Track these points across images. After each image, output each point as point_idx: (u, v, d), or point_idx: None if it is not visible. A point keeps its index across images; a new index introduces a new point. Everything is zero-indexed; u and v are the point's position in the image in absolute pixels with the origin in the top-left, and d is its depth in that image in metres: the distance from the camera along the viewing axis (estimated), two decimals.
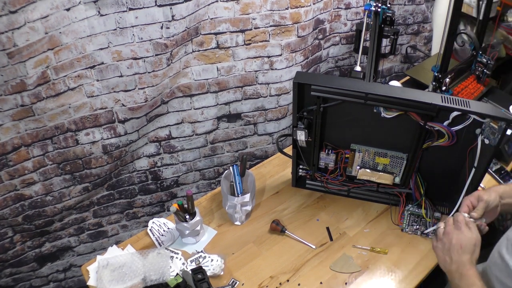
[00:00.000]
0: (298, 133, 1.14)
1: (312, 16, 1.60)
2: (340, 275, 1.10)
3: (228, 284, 1.08)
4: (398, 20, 1.89)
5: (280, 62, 1.62)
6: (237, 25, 1.49)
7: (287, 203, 1.30)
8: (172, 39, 1.36)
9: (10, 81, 1.19)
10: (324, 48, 1.82)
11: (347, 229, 1.22)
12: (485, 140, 1.02)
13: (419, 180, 1.20)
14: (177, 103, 1.59)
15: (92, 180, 1.54)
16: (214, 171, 1.86)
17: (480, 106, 0.98)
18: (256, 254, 1.16)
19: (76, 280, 1.79)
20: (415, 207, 1.22)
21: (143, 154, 1.65)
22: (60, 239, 1.65)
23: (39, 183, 1.44)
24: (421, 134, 1.07)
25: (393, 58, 2.02)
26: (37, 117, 1.30)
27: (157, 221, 1.24)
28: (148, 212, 1.82)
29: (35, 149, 1.37)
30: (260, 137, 1.83)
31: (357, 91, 1.02)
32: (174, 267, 1.11)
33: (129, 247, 1.18)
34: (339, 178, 1.28)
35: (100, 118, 1.43)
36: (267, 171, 1.42)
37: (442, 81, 1.49)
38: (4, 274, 1.58)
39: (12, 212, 1.43)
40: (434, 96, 1.00)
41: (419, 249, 1.15)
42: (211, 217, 1.27)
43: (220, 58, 1.54)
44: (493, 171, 1.36)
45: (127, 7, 1.25)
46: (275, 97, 1.71)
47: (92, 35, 1.26)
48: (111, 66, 1.34)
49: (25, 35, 1.14)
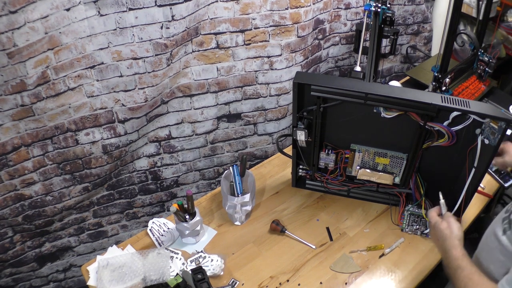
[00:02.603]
0: (298, 133, 1.14)
1: (312, 16, 1.60)
2: (340, 275, 1.10)
3: (228, 284, 1.08)
4: (398, 20, 1.89)
5: (280, 62, 1.62)
6: (237, 25, 1.49)
7: (287, 203, 1.30)
8: (172, 39, 1.36)
9: (10, 81, 1.19)
10: (324, 48, 1.82)
11: (347, 229, 1.22)
12: (485, 140, 1.02)
13: (419, 180, 1.20)
14: (177, 103, 1.59)
15: (92, 180, 1.54)
16: (214, 171, 1.86)
17: (480, 106, 0.98)
18: (256, 254, 1.16)
19: (76, 280, 1.79)
20: (415, 207, 1.22)
21: (143, 154, 1.65)
22: (60, 239, 1.65)
23: (39, 183, 1.44)
24: (421, 134, 1.07)
25: (393, 58, 2.02)
26: (37, 117, 1.30)
27: (157, 221, 1.24)
28: (148, 212, 1.82)
29: (35, 149, 1.37)
30: (260, 137, 1.83)
31: (357, 91, 1.02)
32: (174, 267, 1.11)
33: (129, 247, 1.18)
34: (339, 178, 1.28)
35: (100, 118, 1.43)
36: (267, 171, 1.42)
37: (442, 81, 1.49)
38: (4, 274, 1.58)
39: (12, 212, 1.43)
40: (434, 96, 1.00)
41: (419, 249, 1.15)
42: (211, 217, 1.27)
43: (220, 58, 1.54)
44: (493, 171, 1.36)
45: (127, 7, 1.25)
46: (275, 97, 1.71)
47: (92, 35, 1.26)
48: (111, 66, 1.34)
49: (25, 35, 1.14)
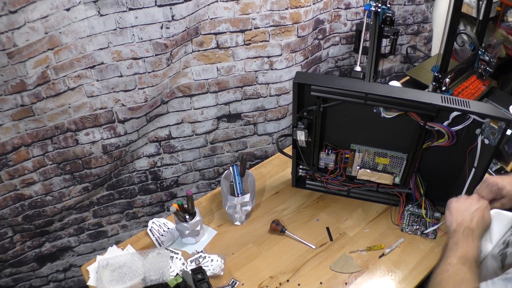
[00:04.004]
0: (298, 133, 1.14)
1: (312, 16, 1.60)
2: (340, 275, 1.10)
3: (228, 284, 1.08)
4: (398, 20, 1.89)
5: (280, 62, 1.62)
6: (237, 25, 1.49)
7: (287, 203, 1.30)
8: (172, 39, 1.36)
9: (10, 81, 1.19)
10: (324, 48, 1.82)
11: (347, 229, 1.22)
12: (485, 140, 1.02)
13: (419, 180, 1.20)
14: (177, 103, 1.59)
15: (92, 180, 1.54)
16: (214, 171, 1.86)
17: (480, 106, 0.98)
18: (256, 254, 1.16)
19: (76, 280, 1.79)
20: (415, 207, 1.22)
21: (143, 154, 1.65)
22: (60, 239, 1.65)
23: (39, 183, 1.44)
24: (421, 134, 1.07)
25: (393, 58, 2.02)
26: (37, 117, 1.30)
27: (157, 221, 1.24)
28: (148, 212, 1.81)
29: (35, 149, 1.37)
30: (260, 137, 1.82)
31: (357, 91, 1.02)
32: (174, 267, 1.11)
33: (129, 247, 1.18)
34: (339, 178, 1.28)
35: (100, 118, 1.43)
36: (267, 171, 1.42)
37: (442, 81, 1.49)
38: (4, 274, 1.58)
39: (12, 212, 1.43)
40: (434, 96, 1.00)
41: (419, 249, 1.15)
42: (211, 217, 1.27)
43: (220, 58, 1.54)
44: (493, 171, 1.36)
45: (127, 7, 1.25)
46: (275, 97, 1.71)
47: (92, 35, 1.26)
48: (111, 66, 1.34)
49: (25, 35, 1.14)
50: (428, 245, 1.16)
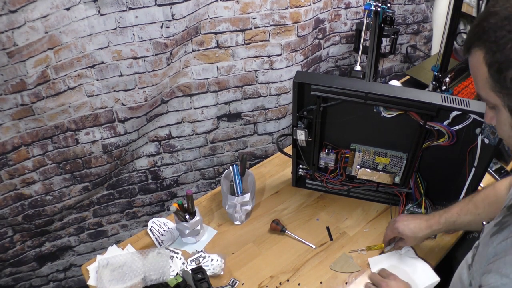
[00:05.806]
0: (298, 132, 1.14)
1: (312, 15, 1.60)
2: (340, 275, 1.10)
3: (228, 284, 1.08)
4: (398, 20, 1.89)
5: (280, 61, 1.62)
6: (237, 24, 1.49)
7: (287, 203, 1.30)
8: (172, 39, 1.36)
9: (10, 81, 1.19)
10: (324, 47, 1.82)
11: (347, 228, 1.22)
12: (485, 139, 1.02)
13: (419, 179, 1.20)
14: (177, 102, 1.59)
15: (92, 180, 1.54)
16: (214, 171, 1.86)
17: (480, 106, 0.98)
18: (256, 254, 1.16)
19: (76, 279, 1.79)
20: (415, 206, 1.22)
21: (143, 153, 1.65)
22: (60, 238, 1.65)
23: (39, 183, 1.44)
24: (421, 133, 1.07)
25: (393, 58, 2.02)
26: (37, 116, 1.30)
27: (157, 220, 1.24)
28: (148, 212, 1.82)
29: (35, 149, 1.37)
30: (260, 136, 1.83)
31: (357, 91, 1.02)
32: (174, 267, 1.11)
33: (129, 246, 1.18)
34: (339, 178, 1.28)
35: (100, 118, 1.43)
36: (267, 171, 1.42)
37: (442, 81, 1.49)
38: (4, 273, 1.58)
39: (12, 212, 1.43)
40: (434, 95, 1.00)
41: (419, 249, 1.15)
42: (211, 217, 1.27)
43: (220, 58, 1.54)
44: (493, 171, 1.36)
45: (127, 6, 1.25)
46: (275, 96, 1.71)
47: (92, 34, 1.26)
48: (111, 65, 1.34)
49: (25, 35, 1.14)
50: (428, 245, 1.16)
